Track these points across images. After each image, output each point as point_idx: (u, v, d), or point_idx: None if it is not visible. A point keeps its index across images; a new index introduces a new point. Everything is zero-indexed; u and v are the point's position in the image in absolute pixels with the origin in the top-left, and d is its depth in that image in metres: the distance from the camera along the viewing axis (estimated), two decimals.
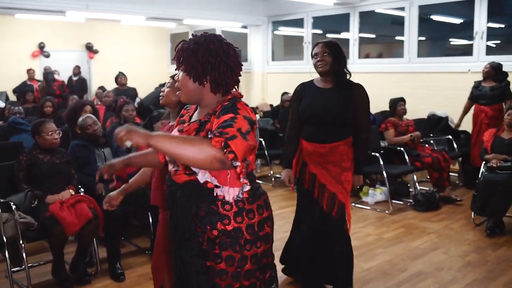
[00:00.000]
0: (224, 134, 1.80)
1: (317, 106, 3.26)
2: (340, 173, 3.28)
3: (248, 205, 2.01)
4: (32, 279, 3.73)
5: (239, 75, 2.04)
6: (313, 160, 3.30)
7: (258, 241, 2.01)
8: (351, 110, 3.20)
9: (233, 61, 1.99)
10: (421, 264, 4.19)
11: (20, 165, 3.96)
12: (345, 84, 3.25)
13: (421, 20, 8.45)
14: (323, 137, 3.24)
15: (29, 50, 12.30)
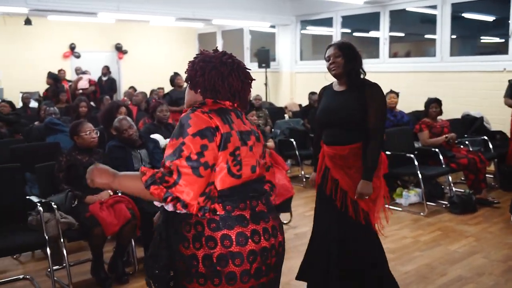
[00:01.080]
0: (164, 182, 1.73)
1: (331, 110, 3.16)
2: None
3: (209, 231, 1.81)
4: (72, 277, 3.78)
5: (236, 85, 1.96)
6: (336, 164, 3.17)
7: (216, 277, 1.80)
8: (364, 110, 3.05)
9: (227, 69, 1.95)
10: (460, 269, 4.11)
11: (60, 166, 4.02)
12: (360, 85, 3.12)
13: (453, 18, 8.30)
14: (342, 139, 3.12)
15: (60, 51, 12.51)
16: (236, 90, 1.96)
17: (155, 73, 13.27)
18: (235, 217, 1.84)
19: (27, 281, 3.96)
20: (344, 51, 3.13)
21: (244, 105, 2.03)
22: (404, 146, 6.00)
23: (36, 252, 4.45)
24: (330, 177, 3.19)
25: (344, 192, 3.13)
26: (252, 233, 1.84)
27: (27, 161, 4.43)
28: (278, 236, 1.96)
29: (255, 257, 1.83)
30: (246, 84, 2.00)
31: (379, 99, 3.09)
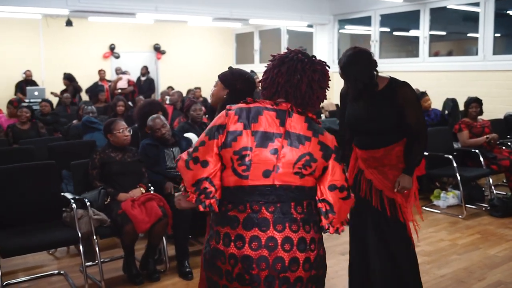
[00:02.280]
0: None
1: (363, 118, 3.03)
2: (397, 176, 3.04)
3: (211, 224, 1.94)
4: (104, 274, 3.82)
5: (281, 80, 1.89)
6: (369, 165, 3.09)
7: (207, 269, 1.91)
8: (398, 113, 2.94)
9: (284, 67, 1.91)
10: (500, 273, 3.96)
11: (94, 164, 4.08)
12: (388, 86, 2.98)
13: (497, 16, 8.03)
14: (376, 144, 3.03)
15: (100, 51, 12.76)
16: (282, 86, 1.89)
17: (192, 73, 13.40)
18: (230, 217, 1.84)
19: (61, 277, 4.02)
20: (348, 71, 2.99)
21: (301, 103, 1.90)
22: (443, 147, 5.83)
23: (71, 248, 4.52)
24: (363, 179, 3.12)
25: (379, 191, 3.07)
26: (236, 237, 1.80)
27: (64, 159, 4.50)
28: (279, 251, 1.78)
29: (236, 262, 1.80)
30: (300, 81, 1.88)
31: (413, 98, 2.99)
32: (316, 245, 1.86)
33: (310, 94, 1.89)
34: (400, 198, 3.05)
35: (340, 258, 4.15)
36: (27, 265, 4.25)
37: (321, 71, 1.91)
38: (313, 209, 1.88)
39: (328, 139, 1.91)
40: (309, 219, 1.86)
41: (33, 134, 6.38)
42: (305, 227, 1.83)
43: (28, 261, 4.31)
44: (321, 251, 1.90)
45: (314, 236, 1.85)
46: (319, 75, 1.90)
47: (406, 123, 2.95)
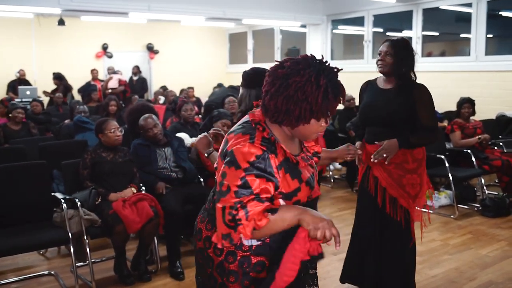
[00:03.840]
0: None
1: (376, 107, 3.12)
2: (402, 176, 3.10)
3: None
4: (95, 274, 3.79)
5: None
6: (376, 162, 3.17)
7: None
8: (411, 111, 3.03)
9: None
10: (491, 274, 3.96)
11: (84, 163, 4.05)
12: (407, 85, 3.07)
13: (489, 17, 8.06)
14: (385, 138, 3.07)
15: (93, 51, 12.72)
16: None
17: (186, 73, 13.39)
18: None
19: (51, 277, 4.00)
20: (397, 50, 3.05)
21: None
22: (435, 147, 5.81)
23: (61, 249, 4.50)
24: (371, 175, 3.20)
25: (383, 188, 3.12)
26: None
27: (55, 159, 4.48)
28: (197, 242, 1.96)
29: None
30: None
31: (428, 99, 3.07)
32: (202, 238, 1.91)
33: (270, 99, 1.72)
34: (403, 199, 3.09)
35: (332, 258, 4.15)
36: (17, 266, 4.22)
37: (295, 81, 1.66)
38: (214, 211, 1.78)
39: (234, 139, 1.71)
40: (208, 216, 1.92)
41: (24, 134, 6.34)
42: (203, 217, 1.96)
43: (18, 262, 4.28)
44: (210, 251, 1.86)
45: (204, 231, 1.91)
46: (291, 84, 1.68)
47: (418, 117, 3.03)
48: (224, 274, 1.79)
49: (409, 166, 3.11)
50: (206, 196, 4.43)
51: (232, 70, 14.03)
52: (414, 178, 3.12)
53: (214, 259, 1.82)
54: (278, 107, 1.66)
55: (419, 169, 3.15)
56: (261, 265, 1.77)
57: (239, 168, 1.63)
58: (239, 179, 1.62)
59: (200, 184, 4.63)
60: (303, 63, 1.65)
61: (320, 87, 1.62)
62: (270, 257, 1.77)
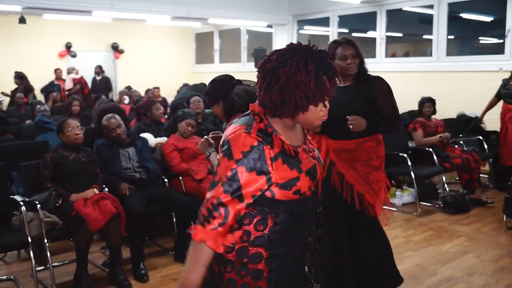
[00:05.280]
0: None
1: (340, 104, 3.08)
2: (368, 173, 3.16)
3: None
4: (56, 278, 3.72)
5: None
6: (341, 158, 3.19)
7: None
8: (374, 104, 3.10)
9: None
10: (451, 269, 4.06)
11: (45, 163, 3.97)
12: (365, 79, 3.15)
13: (450, 18, 8.24)
14: (349, 134, 3.11)
15: (56, 50, 12.44)
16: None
17: (152, 72, 13.25)
18: None
19: (11, 282, 3.91)
20: (357, 49, 3.11)
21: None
22: (398, 146, 5.93)
23: (21, 253, 4.40)
24: (335, 171, 3.22)
25: (350, 185, 3.16)
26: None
27: (15, 160, 4.35)
28: None
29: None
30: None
31: (387, 89, 3.14)
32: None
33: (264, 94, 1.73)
34: (369, 196, 3.15)
35: None
36: None
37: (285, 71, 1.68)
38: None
39: (230, 130, 1.72)
40: None
41: None
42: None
43: None
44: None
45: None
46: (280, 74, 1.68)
47: (379, 108, 3.09)
48: (221, 264, 1.78)
49: (374, 163, 3.17)
50: (170, 196, 4.43)
51: (198, 70, 13.96)
52: (379, 175, 3.22)
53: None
54: (273, 100, 1.66)
55: (382, 166, 3.23)
56: (259, 257, 1.76)
57: (232, 159, 1.64)
58: (229, 170, 1.64)
59: (164, 185, 4.60)
60: (289, 52, 1.65)
61: (309, 72, 1.61)
62: (268, 248, 1.76)
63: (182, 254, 4.27)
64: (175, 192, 4.49)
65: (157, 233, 4.85)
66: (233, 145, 1.66)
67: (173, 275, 4.01)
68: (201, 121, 6.04)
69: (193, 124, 4.85)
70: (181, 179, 4.64)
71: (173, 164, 4.64)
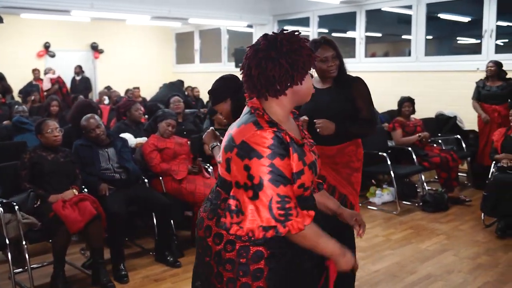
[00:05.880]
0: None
1: (320, 108, 3.05)
2: (350, 174, 3.15)
3: None
4: (34, 280, 3.67)
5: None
6: (322, 162, 3.15)
7: None
8: (354, 105, 3.07)
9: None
10: (430, 267, 4.11)
11: (23, 164, 3.92)
12: (345, 80, 3.11)
13: (429, 19, 8.34)
14: (330, 140, 3.05)
15: (34, 50, 12.28)
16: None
17: (132, 73, 13.16)
18: None
19: None
20: (338, 50, 3.06)
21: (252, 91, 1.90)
22: (378, 145, 5.98)
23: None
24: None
25: (332, 187, 3.13)
26: None
27: None
28: (198, 231, 1.93)
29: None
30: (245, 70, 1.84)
31: (367, 92, 3.12)
32: (203, 227, 1.88)
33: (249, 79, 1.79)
34: (352, 196, 3.14)
35: None
36: None
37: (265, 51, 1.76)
38: (218, 199, 1.85)
39: (238, 132, 1.73)
40: (211, 205, 1.89)
41: None
42: (207, 209, 1.90)
43: None
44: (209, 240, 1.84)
45: (206, 220, 1.88)
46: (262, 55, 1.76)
47: (359, 112, 3.07)
48: (220, 263, 1.79)
49: (354, 165, 3.17)
50: (150, 197, 4.40)
51: (178, 70, 13.90)
52: (359, 176, 3.22)
53: (213, 247, 1.82)
54: (261, 81, 1.74)
55: (360, 168, 3.24)
56: (259, 256, 1.77)
57: (262, 157, 1.65)
58: (266, 167, 1.64)
59: (144, 185, 4.57)
60: (260, 39, 1.81)
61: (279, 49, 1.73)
62: (269, 247, 1.77)
63: (162, 255, 4.25)
64: (155, 192, 4.47)
65: (137, 234, 4.82)
66: (253, 144, 1.67)
67: (154, 276, 3.98)
68: (182, 121, 6.02)
69: (173, 124, 4.83)
70: (161, 180, 4.62)
71: (153, 164, 4.61)
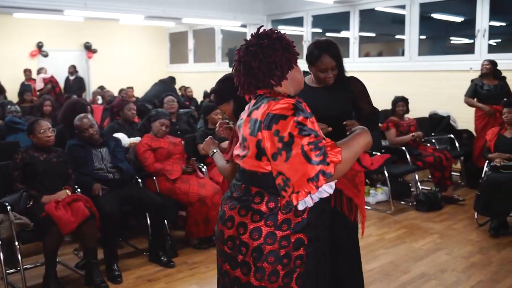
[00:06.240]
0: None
1: (319, 108, 2.87)
2: (354, 175, 3.10)
3: None
4: (27, 281, 3.65)
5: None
6: None
7: None
8: (352, 103, 3.04)
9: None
10: (424, 266, 4.12)
11: (15, 164, 3.89)
12: (341, 81, 3.06)
13: (422, 19, 8.37)
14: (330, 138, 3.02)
15: (27, 49, 12.23)
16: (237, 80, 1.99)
17: (125, 72, 13.13)
18: None
19: None
20: (339, 58, 2.98)
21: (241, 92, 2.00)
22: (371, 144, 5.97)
23: None
24: None
25: (339, 190, 3.01)
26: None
27: None
28: (219, 224, 1.96)
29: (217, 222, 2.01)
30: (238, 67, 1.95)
31: (364, 88, 3.11)
32: (235, 225, 1.88)
33: (247, 71, 1.89)
34: (357, 198, 3.09)
35: None
36: None
37: (247, 44, 1.91)
38: (249, 195, 1.87)
39: (260, 112, 1.80)
40: (239, 201, 1.90)
41: None
42: (231, 204, 1.92)
43: None
44: (244, 237, 1.84)
45: (237, 217, 1.88)
46: (245, 48, 1.91)
47: (360, 108, 3.05)
48: (260, 258, 1.81)
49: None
50: (144, 197, 4.38)
51: (172, 70, 13.86)
52: (362, 176, 3.11)
53: (250, 244, 1.83)
54: (263, 70, 1.84)
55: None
56: (300, 243, 1.83)
57: (287, 117, 1.72)
58: (293, 122, 1.71)
59: (138, 185, 4.55)
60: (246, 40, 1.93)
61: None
62: (307, 232, 1.84)
63: (156, 255, 4.23)
64: (149, 192, 4.45)
65: (130, 234, 4.81)
66: (278, 110, 1.75)
67: (147, 276, 3.97)
68: (175, 121, 6.01)
69: (167, 124, 4.81)
70: (155, 179, 4.61)
71: (147, 164, 4.60)
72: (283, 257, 1.81)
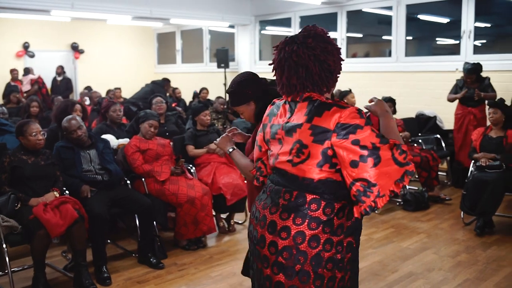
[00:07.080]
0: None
1: None
2: None
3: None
4: (15, 284, 3.64)
5: (277, 76, 2.07)
6: None
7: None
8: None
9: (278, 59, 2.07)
10: (411, 265, 4.16)
11: (3, 167, 3.86)
12: None
13: (409, 20, 8.44)
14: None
15: (13, 50, 12.12)
16: (278, 81, 2.01)
17: (113, 73, 13.08)
18: (261, 191, 2.10)
19: None
20: None
21: (284, 91, 2.00)
22: None
23: None
24: None
25: None
26: (252, 206, 2.11)
27: None
28: (258, 228, 1.97)
29: (248, 229, 2.09)
30: (288, 66, 1.95)
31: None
32: (291, 235, 1.86)
33: (305, 74, 1.90)
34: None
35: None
36: None
37: (305, 45, 1.92)
38: (304, 202, 1.86)
39: (325, 120, 1.81)
40: (292, 209, 1.88)
41: None
42: (283, 213, 1.90)
43: None
44: (302, 246, 1.84)
45: (293, 227, 1.87)
46: (304, 49, 1.91)
47: None
48: (319, 265, 1.83)
49: None
50: (133, 198, 4.37)
51: (160, 71, 13.84)
52: None
53: (308, 252, 1.84)
54: (322, 74, 1.89)
55: None
56: (350, 246, 1.89)
57: (362, 127, 1.78)
58: (370, 132, 1.77)
59: (127, 187, 4.55)
60: (300, 38, 1.96)
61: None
62: (355, 235, 1.93)
63: (145, 257, 4.23)
64: (137, 193, 4.45)
65: (119, 235, 4.80)
66: (351, 120, 1.79)
67: (136, 278, 3.97)
68: (164, 122, 6.00)
69: (155, 125, 4.81)
70: (144, 181, 4.61)
71: (136, 165, 4.59)
72: (339, 261, 1.86)
